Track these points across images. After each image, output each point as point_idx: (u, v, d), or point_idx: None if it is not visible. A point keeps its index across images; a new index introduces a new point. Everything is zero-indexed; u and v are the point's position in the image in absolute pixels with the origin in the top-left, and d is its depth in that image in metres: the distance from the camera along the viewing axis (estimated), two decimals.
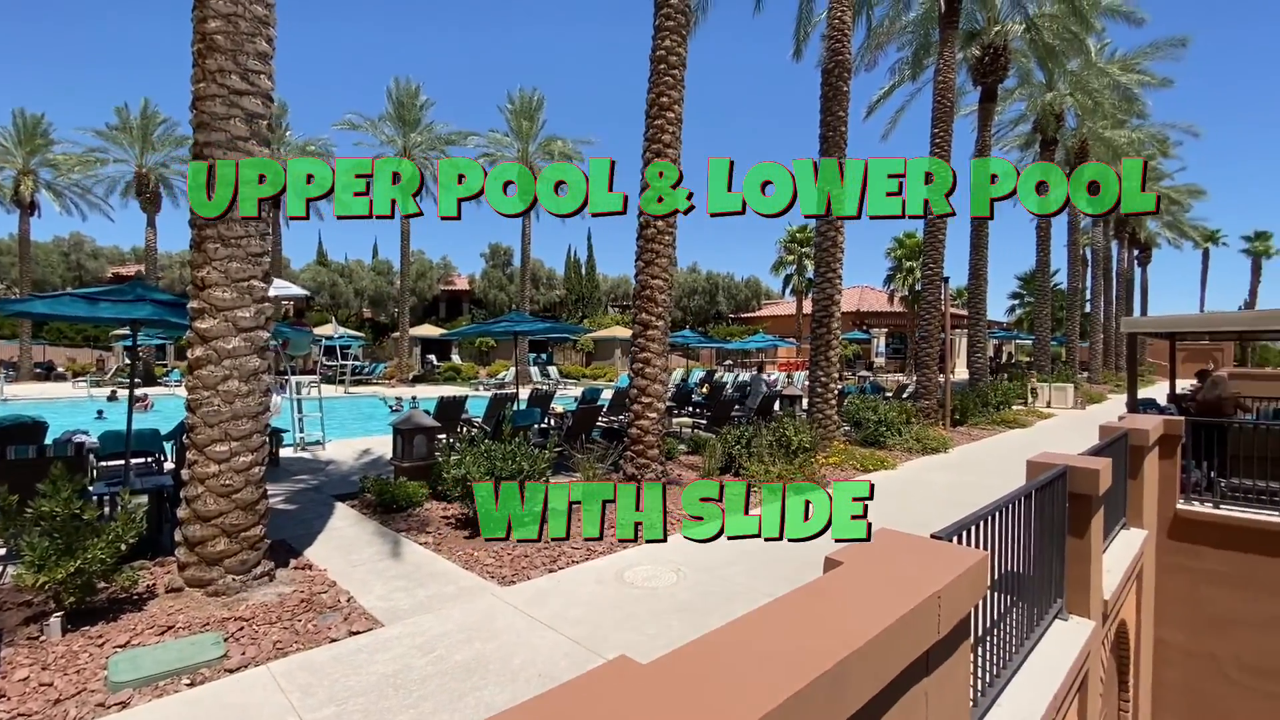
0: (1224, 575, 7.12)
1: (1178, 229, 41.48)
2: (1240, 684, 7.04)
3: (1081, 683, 4.18)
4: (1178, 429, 7.41)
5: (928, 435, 12.16)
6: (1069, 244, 26.45)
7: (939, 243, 14.79)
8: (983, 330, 18.30)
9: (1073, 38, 16.68)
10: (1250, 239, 50.38)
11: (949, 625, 2.01)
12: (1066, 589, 4.26)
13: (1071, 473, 4.18)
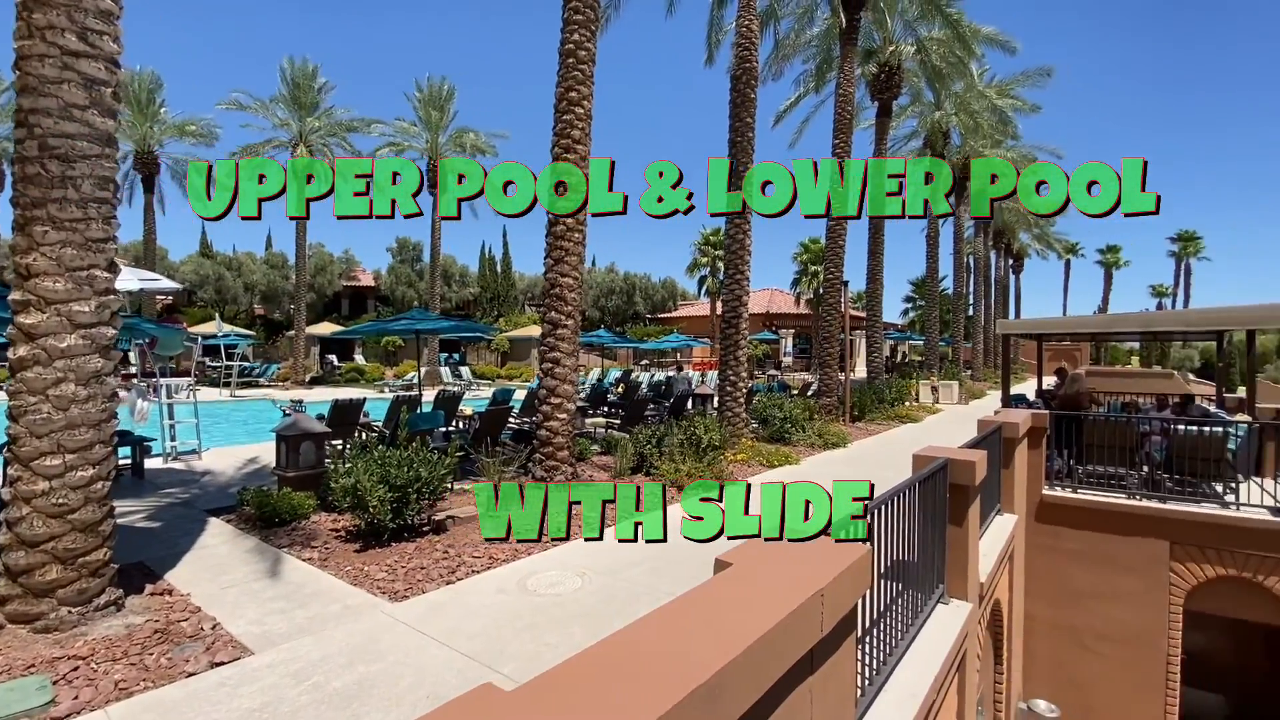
0: (1082, 553, 7.89)
1: (1045, 241, 46.08)
2: (1094, 650, 7.82)
3: (960, 661, 4.46)
4: (1043, 422, 8.14)
5: (829, 431, 12.74)
6: (954, 253, 28.69)
7: (840, 248, 15.54)
8: (879, 331, 19.45)
9: (957, 61, 18.08)
10: (1103, 251, 56.86)
11: (832, 622, 2.02)
12: (947, 574, 4.52)
13: (951, 465, 4.44)
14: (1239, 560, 7.06)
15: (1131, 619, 7.58)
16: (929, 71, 18.82)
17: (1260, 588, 6.98)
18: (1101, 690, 7.78)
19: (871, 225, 19.15)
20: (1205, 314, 9.90)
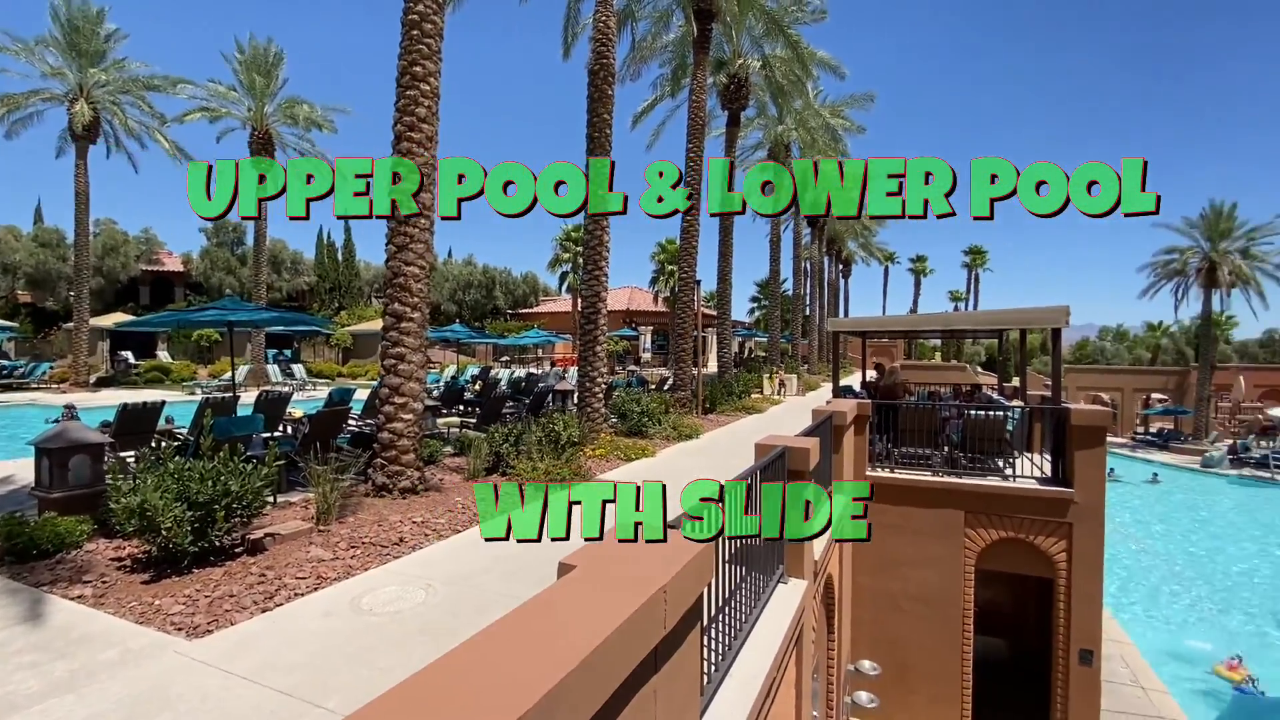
0: (898, 526, 8.89)
1: (869, 250, 51.79)
2: (907, 611, 8.86)
3: (798, 636, 4.77)
4: (867, 410, 9.06)
5: (684, 423, 13.21)
6: (794, 257, 31.23)
7: (693, 250, 16.17)
8: (729, 328, 20.59)
9: (797, 80, 19.61)
10: (914, 260, 65.21)
11: (677, 617, 1.99)
12: (787, 555, 4.81)
13: (789, 452, 4.73)
14: (1015, 524, 8.36)
15: (936, 581, 8.69)
16: (773, 87, 20.22)
17: (1031, 546, 8.32)
18: (913, 645, 8.83)
19: (721, 228, 20.18)
20: (989, 315, 11.66)
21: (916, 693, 8.74)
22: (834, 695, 7.67)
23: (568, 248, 37.48)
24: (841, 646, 7.85)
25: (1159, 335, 53.58)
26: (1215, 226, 33.66)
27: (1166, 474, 28.64)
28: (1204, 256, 33.90)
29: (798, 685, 4.86)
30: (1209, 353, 34.75)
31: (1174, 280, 35.39)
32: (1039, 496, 8.20)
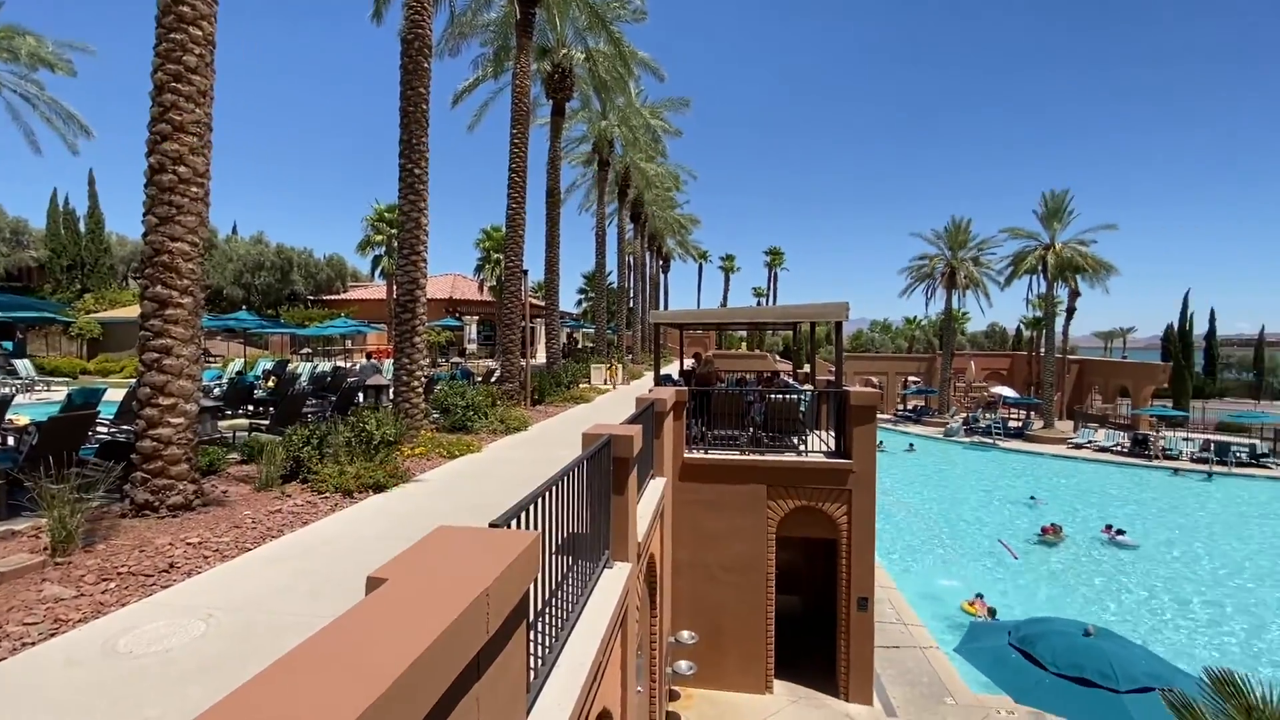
0: (712, 502, 9.64)
1: (685, 247, 55.08)
2: (721, 580, 9.66)
3: (623, 618, 4.95)
4: (684, 397, 9.65)
5: (511, 415, 12.94)
6: (618, 251, 32.12)
7: (519, 239, 15.85)
8: (556, 319, 20.59)
9: (619, 77, 20.08)
10: (724, 259, 70.74)
11: (500, 619, 1.95)
12: (613, 540, 4.96)
13: (614, 440, 4.87)
14: (808, 493, 9.51)
15: (744, 550, 9.58)
16: (596, 81, 20.48)
17: (820, 511, 9.53)
18: (727, 611, 9.66)
19: (549, 218, 20.05)
20: (785, 310, 13.06)
21: (729, 654, 9.58)
22: (657, 668, 8.11)
23: (381, 229, 34.50)
24: (663, 621, 8.33)
25: (914, 328, 64.38)
26: (955, 238, 41.22)
27: (920, 443, 34.63)
28: (947, 263, 41.36)
29: (623, 665, 5.04)
30: (950, 342, 42.60)
31: (925, 282, 42.68)
32: (826, 468, 9.43)
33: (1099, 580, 16.10)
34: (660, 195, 38.99)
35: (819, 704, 9.36)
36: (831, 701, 9.41)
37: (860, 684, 9.35)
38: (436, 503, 7.05)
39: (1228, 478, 25.97)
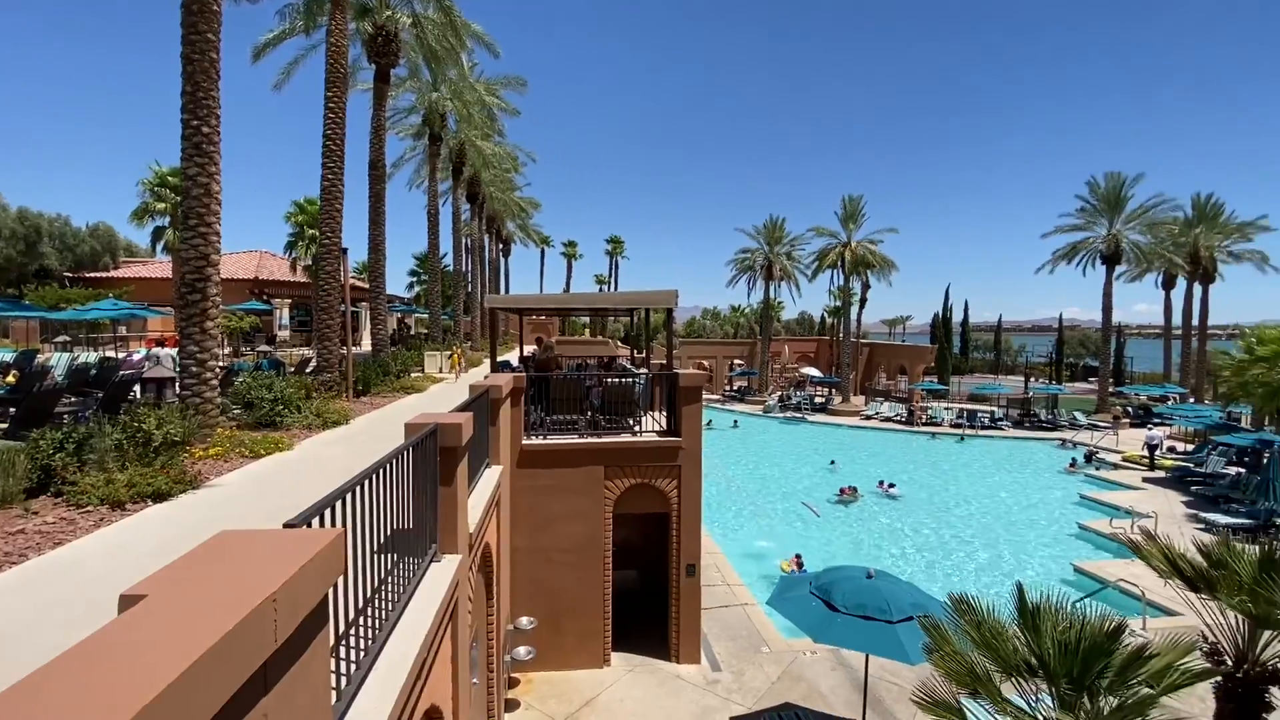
0: (550, 487, 9.67)
1: (526, 231, 54.09)
2: (559, 563, 9.76)
3: (452, 611, 4.81)
4: (522, 383, 9.55)
5: (330, 409, 11.82)
6: (454, 232, 30.60)
7: (337, 213, 14.43)
8: (383, 303, 19.12)
9: (450, 48, 19.00)
10: (566, 245, 70.64)
11: (292, 625, 1.79)
12: (440, 533, 4.78)
13: (441, 429, 4.68)
14: (642, 471, 9.93)
15: (582, 531, 9.77)
16: (426, 50, 19.19)
17: (653, 488, 10.00)
18: (565, 593, 9.80)
19: (372, 193, 18.49)
20: (621, 296, 13.44)
21: (567, 633, 9.75)
22: (495, 657, 8.02)
23: (162, 195, 29.27)
24: (501, 610, 8.23)
25: (739, 315, 69.73)
26: (772, 235, 45.20)
27: (744, 420, 37.73)
28: (766, 257, 45.25)
29: (454, 659, 4.92)
30: (768, 329, 46.79)
31: (747, 274, 46.36)
32: (658, 446, 9.92)
33: (882, 530, 18.90)
34: (499, 176, 37.75)
35: (653, 669, 9.91)
36: (664, 665, 10.00)
37: (689, 645, 10.06)
38: (233, 509, 6.26)
39: (975, 439, 31.81)
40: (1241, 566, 4.93)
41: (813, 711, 8.62)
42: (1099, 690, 4.08)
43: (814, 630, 6.88)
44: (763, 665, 10.06)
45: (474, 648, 6.83)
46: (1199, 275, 36.87)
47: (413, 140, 30.34)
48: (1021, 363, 63.13)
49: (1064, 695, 4.13)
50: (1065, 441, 29.83)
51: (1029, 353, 66.54)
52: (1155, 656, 4.29)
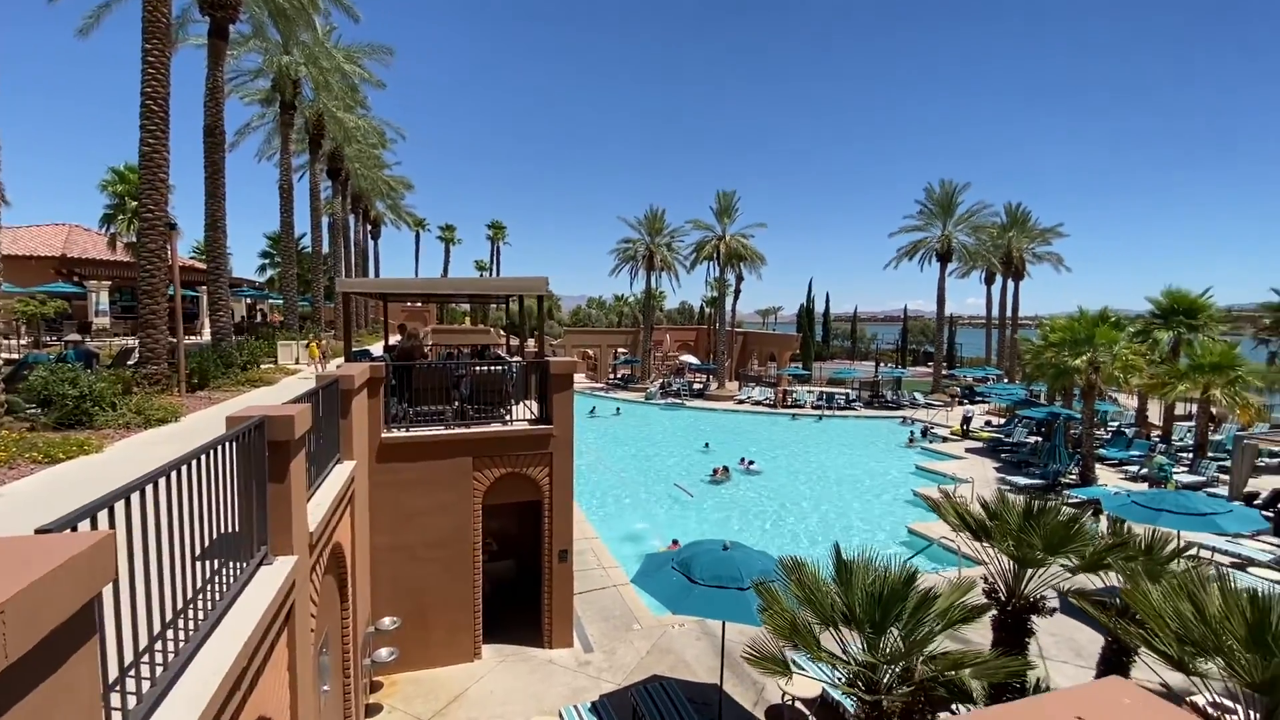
0: (414, 481, 9.27)
1: (398, 213, 50.94)
2: (425, 559, 9.41)
3: (287, 615, 4.50)
4: (380, 373, 9.04)
5: (155, 405, 10.50)
6: (311, 210, 28.12)
7: (161, 181, 12.72)
8: (225, 286, 17.21)
9: (300, 8, 17.33)
10: (443, 229, 67.43)
11: (30, 640, 1.60)
12: (271, 533, 4.44)
13: (269, 422, 4.33)
14: (513, 460, 9.80)
15: (449, 524, 9.48)
16: (272, 7, 17.36)
17: (525, 476, 9.91)
18: (432, 589, 9.48)
19: (209, 163, 16.54)
20: (490, 282, 13.10)
21: (436, 630, 9.46)
22: (351, 662, 7.61)
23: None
24: (358, 612, 7.80)
25: (623, 305, 70.57)
26: (653, 226, 46.07)
27: (626, 408, 38.35)
28: (647, 247, 46.06)
29: (292, 667, 4.61)
30: (650, 318, 47.80)
31: (629, 263, 46.97)
32: (529, 434, 9.84)
33: (749, 505, 20.14)
34: (364, 151, 35.15)
35: (525, 657, 9.89)
36: (537, 652, 10.02)
37: (562, 630, 10.15)
38: (10, 522, 5.40)
39: (832, 419, 34.72)
40: (1011, 518, 5.87)
41: (678, 680, 9.07)
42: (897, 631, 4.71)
43: (673, 603, 7.22)
44: (634, 642, 10.39)
45: (323, 653, 6.44)
46: (1012, 273, 42.63)
47: (261, 106, 27.43)
48: (874, 349, 69.70)
49: (868, 639, 4.71)
50: (905, 419, 33.42)
51: (880, 340, 73.66)
52: (939, 598, 5.01)
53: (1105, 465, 22.92)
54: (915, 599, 4.81)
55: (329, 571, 6.59)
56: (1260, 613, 4.34)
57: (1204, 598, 4.69)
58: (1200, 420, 22.76)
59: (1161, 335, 25.06)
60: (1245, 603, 4.43)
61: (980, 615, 5.37)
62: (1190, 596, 4.76)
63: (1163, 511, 10.90)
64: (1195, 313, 24.76)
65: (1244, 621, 4.37)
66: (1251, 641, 4.32)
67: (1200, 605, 4.67)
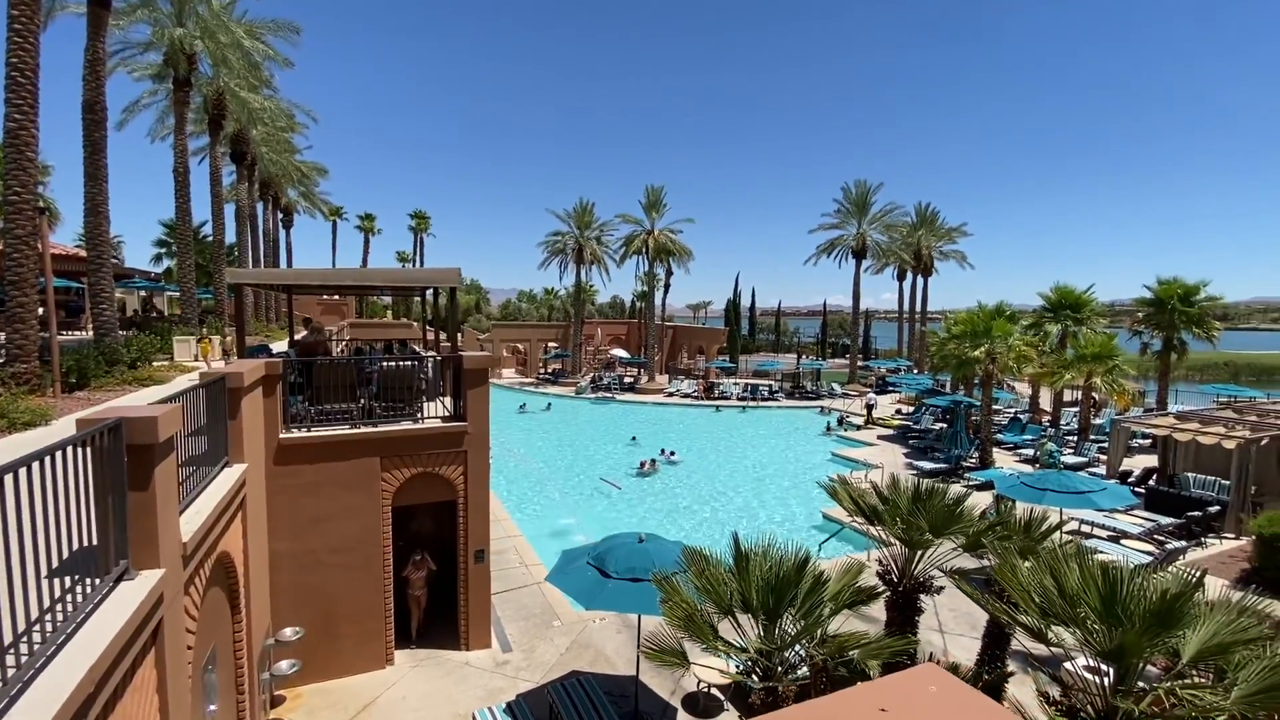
0: (316, 484, 8.83)
1: (311, 200, 48.23)
2: (330, 564, 9.00)
3: (154, 632, 4.19)
4: (276, 370, 8.54)
5: (19, 408, 9.49)
6: (213, 196, 26.17)
7: (29, 162, 11.47)
8: (108, 276, 15.75)
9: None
10: (362, 218, 64.44)
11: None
12: (133, 546, 4.11)
13: (127, 424, 4.00)
14: (424, 459, 9.50)
15: (356, 528, 9.10)
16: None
17: (438, 475, 9.64)
18: (339, 595, 9.07)
19: (89, 141, 15.08)
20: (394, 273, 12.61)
21: (344, 637, 9.08)
22: (245, 678, 7.19)
23: None
24: (253, 624, 7.37)
25: (553, 298, 69.82)
26: (582, 219, 45.74)
27: (557, 402, 38.02)
28: (576, 240, 45.73)
29: (161, 690, 4.30)
30: (580, 312, 47.54)
31: (559, 256, 46.50)
32: (441, 433, 9.57)
33: (672, 496, 20.47)
34: (273, 135, 33.02)
35: (440, 661, 9.65)
36: (453, 655, 9.80)
37: (479, 631, 9.97)
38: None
39: (756, 409, 35.76)
40: (902, 502, 6.24)
41: (597, 675, 9.11)
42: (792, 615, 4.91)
43: (586, 598, 7.23)
44: (554, 639, 10.35)
45: (209, 670, 6.05)
46: (921, 270, 45.19)
47: (153, 83, 25.27)
48: (796, 343, 72.19)
49: (764, 626, 4.89)
50: (823, 409, 34.87)
51: (802, 334, 76.34)
52: (829, 582, 5.28)
53: (1002, 449, 24.76)
54: (808, 584, 5.04)
55: (214, 583, 6.18)
56: (1110, 586, 4.80)
57: (1065, 573, 5.14)
58: (1083, 406, 24.97)
59: (1051, 328, 27.28)
60: (1098, 576, 4.89)
61: (872, 598, 5.70)
62: (1052, 572, 5.18)
63: (1047, 491, 11.88)
64: (1080, 307, 27.08)
65: (1097, 594, 4.82)
66: (1104, 613, 4.78)
67: (1060, 580, 5.10)
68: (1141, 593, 4.55)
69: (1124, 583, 4.73)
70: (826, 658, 5.31)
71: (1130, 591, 4.57)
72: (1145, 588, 4.60)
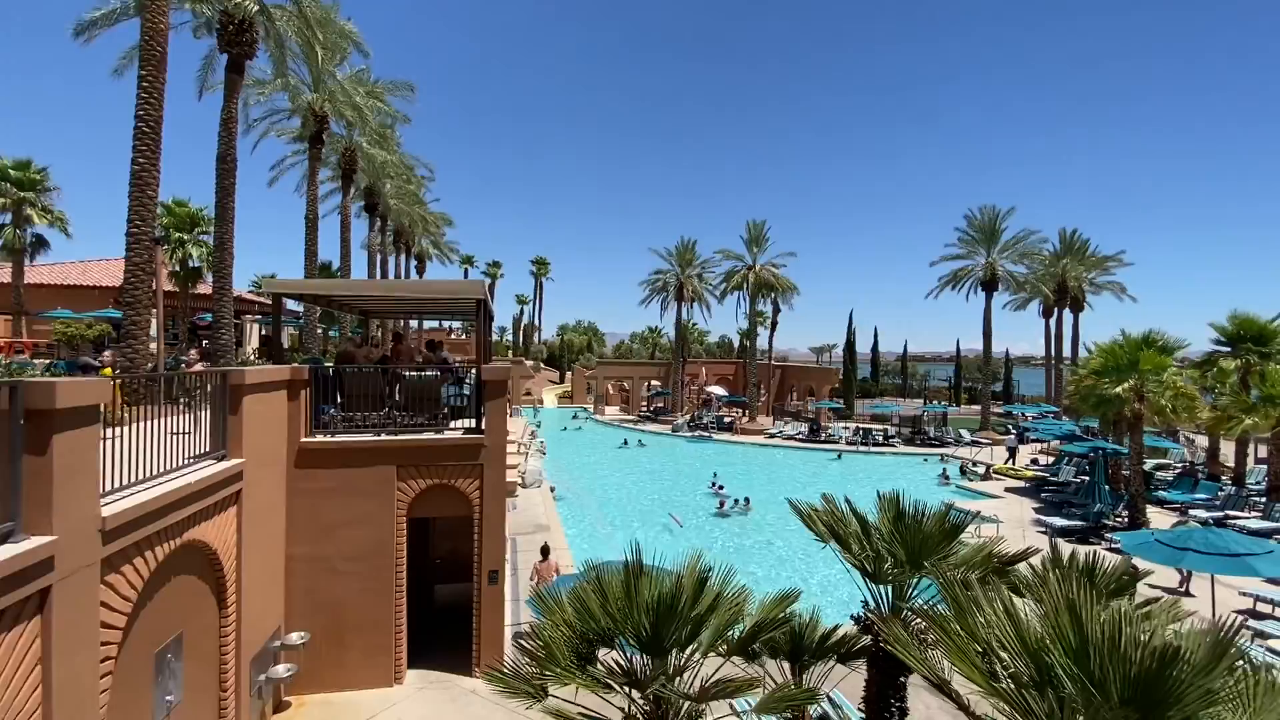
0: (334, 490, 8.92)
1: (440, 248, 52.75)
2: (343, 572, 8.96)
3: (39, 602, 4.11)
4: (302, 374, 8.83)
5: None
6: (341, 241, 29.24)
7: (149, 199, 13.31)
8: (228, 306, 17.83)
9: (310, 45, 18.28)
10: (489, 265, 69.50)
11: None
12: (25, 509, 4.08)
13: (26, 388, 4.05)
14: (440, 470, 9.32)
15: (370, 537, 9.02)
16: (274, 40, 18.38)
17: (453, 489, 9.40)
18: (350, 604, 8.98)
19: (220, 188, 17.36)
20: (424, 285, 12.84)
21: (351, 648, 8.93)
22: (231, 675, 7.17)
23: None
24: (242, 621, 7.37)
25: (658, 336, 70.20)
26: (683, 256, 45.87)
27: (653, 440, 37.48)
28: (677, 278, 45.81)
29: (45, 662, 4.18)
30: (681, 350, 47.17)
31: (660, 295, 46.76)
32: (458, 444, 9.36)
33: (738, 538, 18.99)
34: (401, 188, 36.66)
35: (447, 685, 9.20)
36: (461, 680, 9.31)
37: (490, 657, 9.39)
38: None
39: (868, 455, 32.74)
40: (883, 524, 4.97)
41: None
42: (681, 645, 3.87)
43: None
44: None
45: (167, 658, 6.02)
46: (1069, 303, 39.89)
47: (296, 144, 29.09)
48: (926, 386, 66.40)
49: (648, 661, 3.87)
50: (944, 457, 31.13)
51: (933, 378, 70.17)
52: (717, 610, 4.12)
53: (1166, 508, 20.48)
54: (703, 609, 3.96)
55: (182, 571, 6.22)
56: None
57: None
58: (1274, 459, 20.08)
59: (1229, 365, 22.55)
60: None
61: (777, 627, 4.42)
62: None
63: (1188, 551, 9.34)
64: (1266, 339, 22.18)
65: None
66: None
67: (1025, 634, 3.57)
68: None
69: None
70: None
71: None
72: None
